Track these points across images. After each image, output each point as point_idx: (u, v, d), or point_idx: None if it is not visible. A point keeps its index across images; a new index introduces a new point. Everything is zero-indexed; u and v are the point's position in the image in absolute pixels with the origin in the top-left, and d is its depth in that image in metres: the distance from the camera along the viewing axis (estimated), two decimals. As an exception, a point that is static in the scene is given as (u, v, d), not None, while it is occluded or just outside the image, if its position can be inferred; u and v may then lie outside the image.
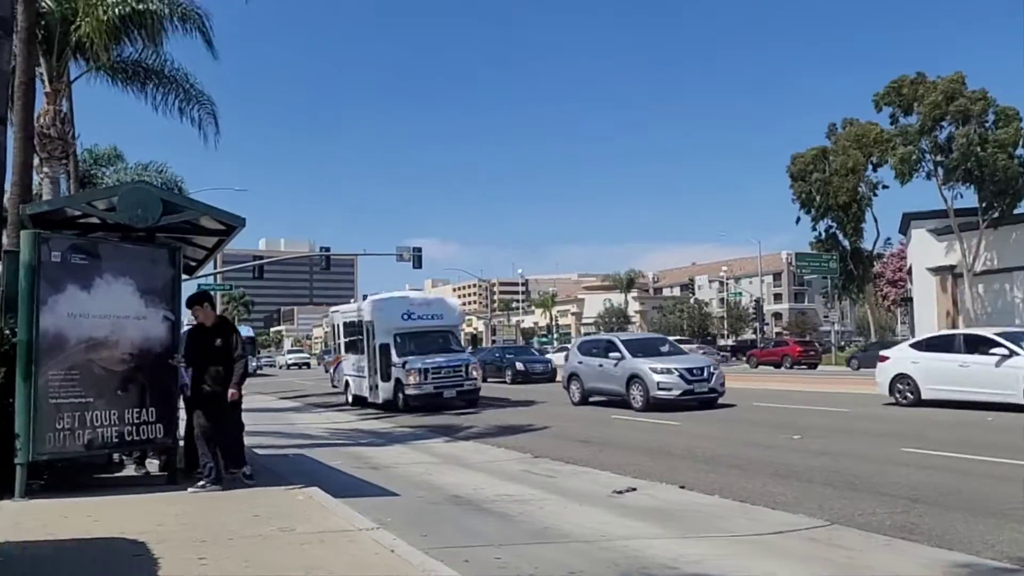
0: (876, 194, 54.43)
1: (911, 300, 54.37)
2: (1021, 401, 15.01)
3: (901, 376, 17.92)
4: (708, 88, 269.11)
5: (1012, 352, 15.50)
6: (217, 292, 47.30)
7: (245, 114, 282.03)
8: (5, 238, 10.43)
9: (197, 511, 7.14)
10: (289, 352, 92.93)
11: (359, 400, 23.05)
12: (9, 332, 8.02)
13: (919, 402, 17.18)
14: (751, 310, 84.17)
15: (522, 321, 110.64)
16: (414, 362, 20.72)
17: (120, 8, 15.63)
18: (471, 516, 7.97)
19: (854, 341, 78.65)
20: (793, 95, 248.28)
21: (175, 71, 18.69)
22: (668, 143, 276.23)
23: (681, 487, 9.14)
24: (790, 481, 9.25)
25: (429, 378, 20.65)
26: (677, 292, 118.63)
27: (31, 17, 12.62)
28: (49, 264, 7.71)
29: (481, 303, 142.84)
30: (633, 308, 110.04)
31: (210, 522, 6.65)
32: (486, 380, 28.83)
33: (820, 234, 56.66)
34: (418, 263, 41.97)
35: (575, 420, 17.55)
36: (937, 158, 44.60)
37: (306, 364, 76.33)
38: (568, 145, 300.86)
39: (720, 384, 18.78)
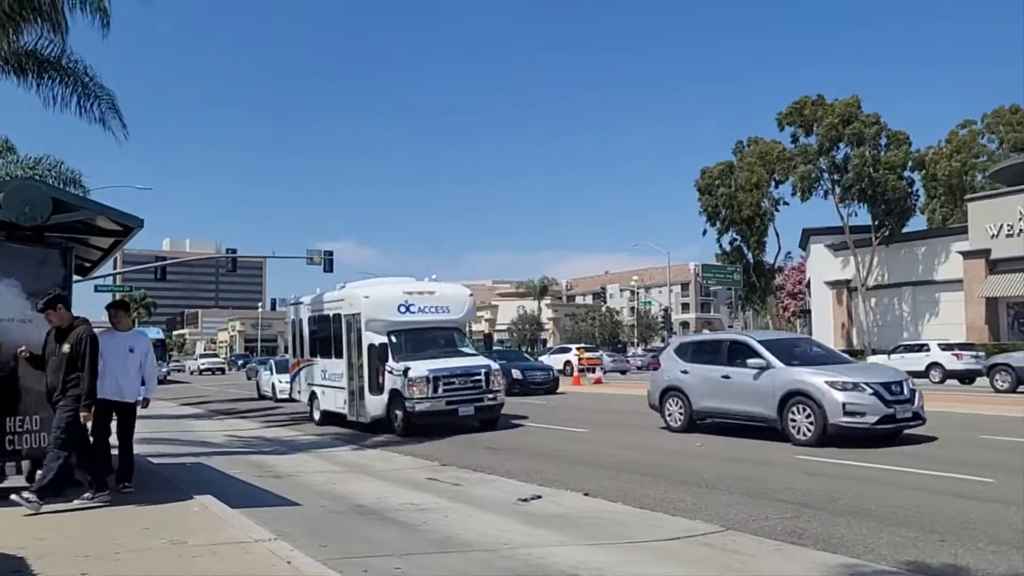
0: (778, 209, 56.81)
1: (809, 312, 56.77)
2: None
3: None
4: (624, 100, 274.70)
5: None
6: (116, 293, 45.35)
7: (153, 112, 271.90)
8: None
9: (83, 524, 6.81)
10: (201, 356, 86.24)
11: (332, 417, 18.20)
12: None
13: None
14: (660, 319, 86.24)
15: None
16: (419, 368, 15.46)
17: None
18: (374, 525, 7.87)
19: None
20: (706, 110, 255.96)
21: (73, 63, 17.67)
22: (583, 153, 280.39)
23: (585, 494, 9.25)
24: (691, 488, 9.49)
25: (440, 390, 15.45)
26: (590, 300, 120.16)
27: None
28: (-76, 262, 7.24)
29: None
30: (546, 315, 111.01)
31: (96, 536, 6.35)
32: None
33: (725, 247, 58.65)
34: (329, 266, 41.33)
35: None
36: (834, 177, 46.81)
37: (220, 370, 71.50)
38: (484, 152, 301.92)
39: (922, 407, 12.92)
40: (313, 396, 19.25)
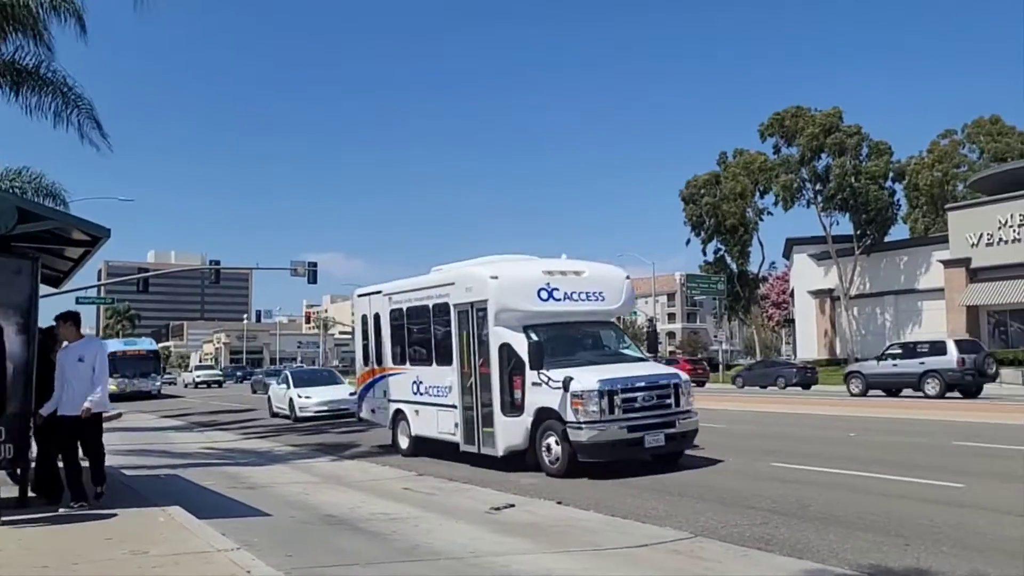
0: (762, 219, 57.13)
1: (793, 321, 57.12)
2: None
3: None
4: (608, 112, 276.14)
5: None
6: (100, 306, 45.09)
7: (138, 125, 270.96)
8: None
9: (44, 535, 6.76)
10: (197, 368, 79.91)
11: (430, 446, 13.52)
12: None
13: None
14: (645, 329, 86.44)
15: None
16: (585, 379, 10.90)
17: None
18: (343, 535, 7.83)
19: (741, 361, 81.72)
20: (692, 121, 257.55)
21: (51, 72, 17.55)
22: (570, 164, 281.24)
23: (558, 502, 9.24)
24: (663, 496, 9.50)
25: (618, 410, 10.82)
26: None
27: None
28: None
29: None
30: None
31: (58, 547, 6.29)
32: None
33: (709, 257, 58.92)
34: (313, 278, 41.12)
35: None
36: (816, 187, 47.22)
37: (217, 382, 65.24)
38: (471, 162, 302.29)
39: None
40: (399, 417, 14.28)
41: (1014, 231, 38.23)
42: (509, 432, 11.53)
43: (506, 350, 11.66)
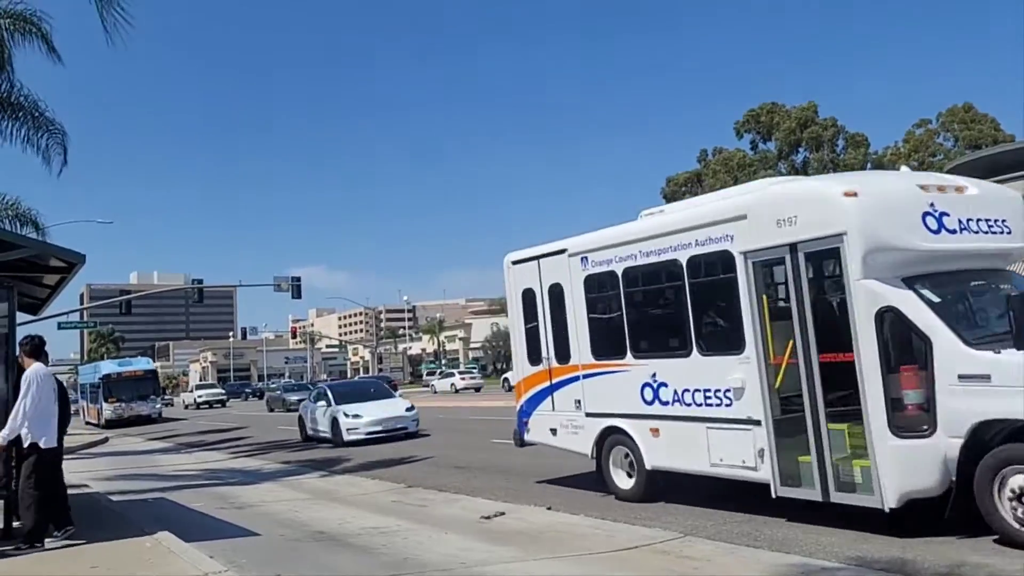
0: (743, 216, 57.29)
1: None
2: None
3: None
4: (588, 112, 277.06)
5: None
6: (83, 330, 44.65)
7: (118, 148, 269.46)
8: None
9: (30, 566, 6.69)
10: (198, 388, 71.08)
11: (690, 481, 8.77)
12: None
13: None
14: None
15: (409, 348, 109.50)
16: None
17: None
18: (331, 551, 7.80)
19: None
20: (672, 120, 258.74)
21: (22, 96, 17.39)
22: (555, 167, 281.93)
23: (548, 508, 9.24)
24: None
25: None
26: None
27: None
28: None
29: (368, 331, 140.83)
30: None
31: (43, 577, 6.24)
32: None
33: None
34: (297, 293, 40.92)
35: None
36: (795, 181, 47.57)
37: (220, 401, 59.41)
38: (455, 167, 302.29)
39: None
40: (614, 440, 9.53)
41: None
42: (907, 466, 6.52)
43: (890, 320, 6.78)
